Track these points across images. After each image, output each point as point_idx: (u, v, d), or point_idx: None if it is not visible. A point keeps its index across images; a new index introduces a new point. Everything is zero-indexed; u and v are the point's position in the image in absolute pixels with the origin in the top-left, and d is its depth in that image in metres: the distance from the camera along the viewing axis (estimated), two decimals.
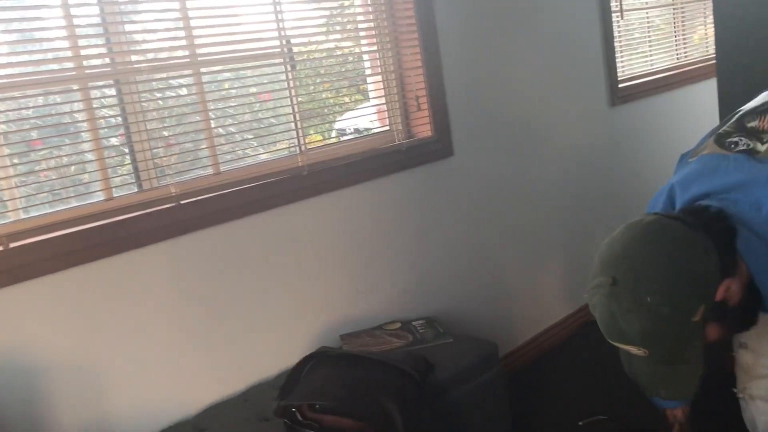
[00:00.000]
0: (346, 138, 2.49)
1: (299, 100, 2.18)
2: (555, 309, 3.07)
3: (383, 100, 2.42)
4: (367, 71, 2.46)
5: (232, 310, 1.98)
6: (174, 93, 2.03)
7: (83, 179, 1.79)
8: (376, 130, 2.48)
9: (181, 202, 1.88)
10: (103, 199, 1.81)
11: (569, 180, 3.08)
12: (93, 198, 1.80)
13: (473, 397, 1.96)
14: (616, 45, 3.31)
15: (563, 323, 3.09)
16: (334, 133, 2.59)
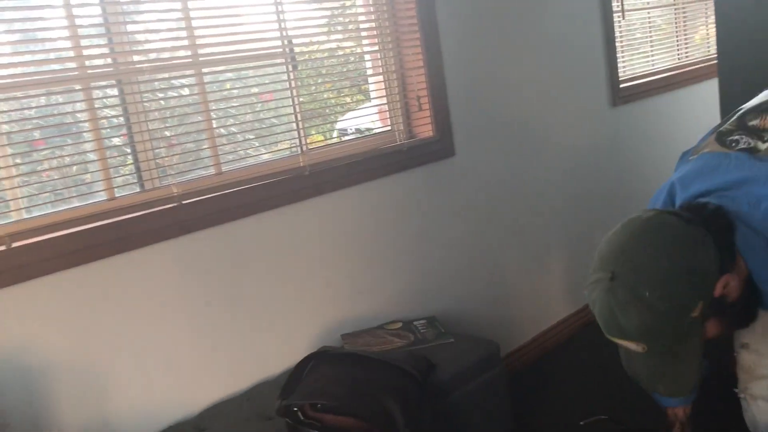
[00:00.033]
0: (347, 138, 2.49)
1: (301, 100, 2.19)
2: (556, 309, 3.07)
3: (384, 100, 2.43)
4: (369, 71, 2.46)
5: (233, 310, 1.99)
6: (176, 93, 2.04)
7: (85, 179, 1.79)
8: (377, 131, 2.48)
9: (183, 202, 1.88)
10: (105, 199, 1.81)
11: (571, 180, 3.08)
12: (95, 198, 1.80)
13: (474, 397, 1.96)
14: (617, 45, 3.31)
15: (564, 323, 3.09)
16: (335, 133, 2.59)
